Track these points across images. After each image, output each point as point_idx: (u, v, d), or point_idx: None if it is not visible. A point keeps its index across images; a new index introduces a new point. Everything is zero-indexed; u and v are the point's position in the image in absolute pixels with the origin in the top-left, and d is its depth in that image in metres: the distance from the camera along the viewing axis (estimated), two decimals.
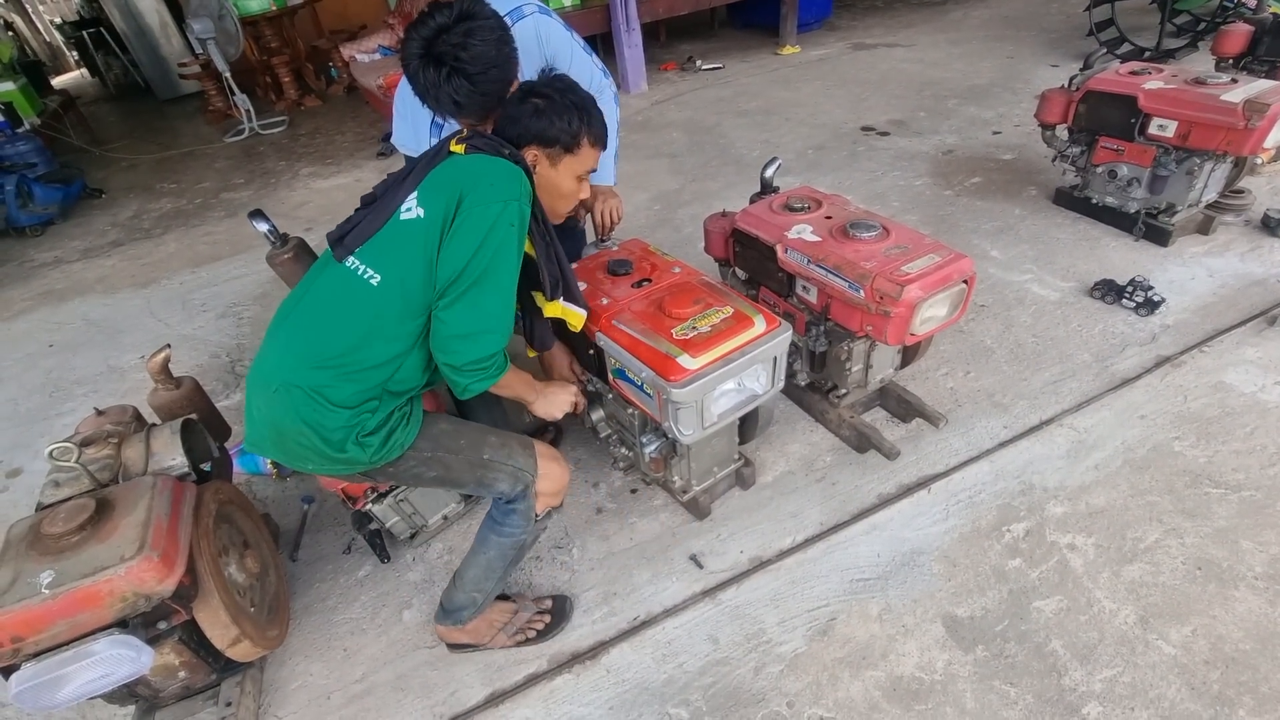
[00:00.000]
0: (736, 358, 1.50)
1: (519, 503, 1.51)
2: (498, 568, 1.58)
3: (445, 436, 1.44)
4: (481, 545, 1.58)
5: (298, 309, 1.37)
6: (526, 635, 1.71)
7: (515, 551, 1.58)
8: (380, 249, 1.32)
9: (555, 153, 1.43)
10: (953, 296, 1.76)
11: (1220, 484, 1.90)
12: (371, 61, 6.08)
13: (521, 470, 1.49)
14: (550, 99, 1.41)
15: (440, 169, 1.34)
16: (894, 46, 6.05)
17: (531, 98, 1.42)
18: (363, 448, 1.30)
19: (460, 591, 1.61)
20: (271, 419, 1.31)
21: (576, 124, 1.41)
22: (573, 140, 1.42)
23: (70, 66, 11.25)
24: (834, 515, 1.96)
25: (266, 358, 1.35)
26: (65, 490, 1.46)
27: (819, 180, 3.81)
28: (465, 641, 1.70)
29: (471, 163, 1.33)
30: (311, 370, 1.28)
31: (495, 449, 1.47)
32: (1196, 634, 1.57)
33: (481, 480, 1.47)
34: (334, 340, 1.29)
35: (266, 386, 1.31)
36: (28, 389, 3.04)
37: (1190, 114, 2.55)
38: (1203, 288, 2.65)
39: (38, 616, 1.20)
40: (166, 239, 4.35)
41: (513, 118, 1.43)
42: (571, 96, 1.43)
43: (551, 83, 1.45)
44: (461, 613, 1.62)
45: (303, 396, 1.27)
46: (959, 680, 1.55)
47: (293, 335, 1.33)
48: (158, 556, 1.28)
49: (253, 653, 1.53)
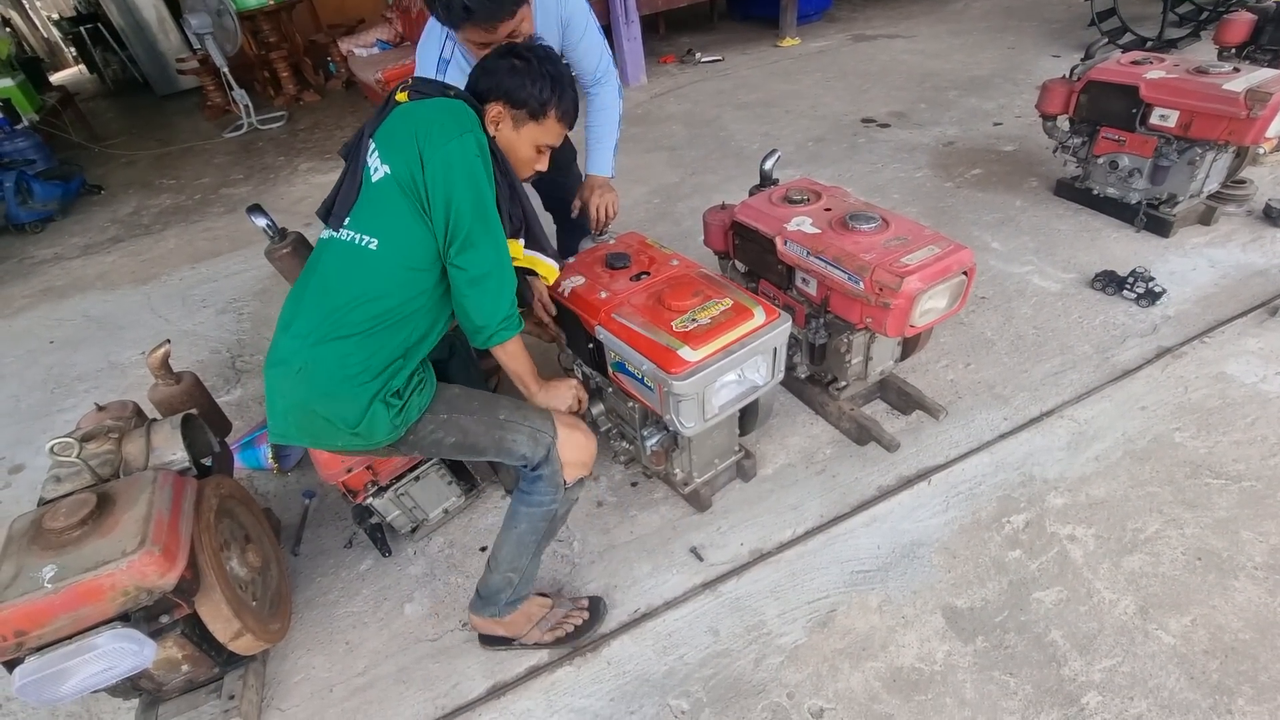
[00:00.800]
0: (737, 349, 1.50)
1: (543, 468, 1.48)
2: (530, 542, 1.55)
3: (459, 399, 1.45)
4: (512, 520, 1.55)
5: (308, 290, 1.37)
6: (565, 631, 1.68)
7: (546, 523, 1.54)
8: (367, 214, 1.34)
9: (520, 115, 1.43)
10: (952, 288, 1.76)
11: (1221, 475, 1.90)
12: (370, 56, 6.07)
13: (539, 431, 1.46)
14: (529, 62, 1.41)
15: (391, 120, 1.35)
16: (894, 38, 6.02)
17: (511, 57, 1.43)
18: (388, 408, 1.31)
19: (495, 573, 1.59)
20: (297, 400, 1.32)
21: (548, 93, 1.42)
22: (540, 108, 1.43)
23: (68, 63, 11.23)
24: (834, 507, 1.96)
25: (283, 343, 1.35)
26: (66, 485, 1.46)
27: (819, 172, 3.80)
28: (500, 634, 1.67)
29: (417, 108, 1.35)
30: (332, 343, 1.29)
31: (510, 410, 1.47)
32: (1196, 624, 1.57)
33: (500, 443, 1.44)
34: (349, 309, 1.30)
35: (288, 369, 1.31)
36: (29, 385, 3.04)
37: (1192, 104, 2.54)
38: (1204, 279, 2.64)
39: (40, 610, 1.21)
40: (166, 235, 4.35)
41: (488, 69, 1.44)
42: (549, 66, 1.43)
43: (534, 49, 1.45)
44: (498, 596, 1.60)
45: (326, 370, 1.28)
46: (959, 671, 1.55)
47: (308, 314, 1.34)
48: (159, 551, 1.28)
49: (255, 646, 1.54)
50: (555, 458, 1.48)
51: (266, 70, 6.79)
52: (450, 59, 1.59)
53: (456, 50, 1.74)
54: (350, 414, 1.29)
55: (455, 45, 1.73)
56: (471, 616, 1.67)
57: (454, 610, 1.83)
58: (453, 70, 1.63)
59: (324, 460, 1.66)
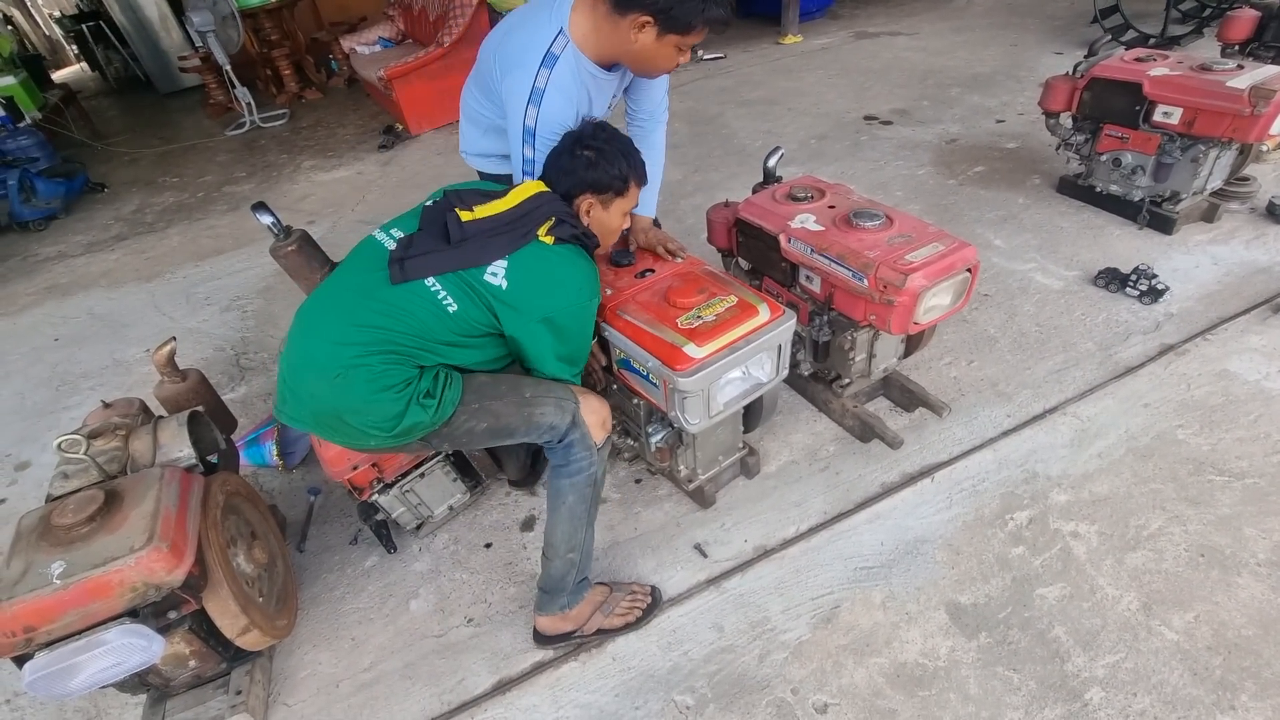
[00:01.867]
0: (742, 346, 1.50)
1: (573, 432, 1.52)
2: (581, 513, 1.57)
3: (486, 386, 1.48)
4: (557, 497, 1.57)
5: (350, 307, 1.40)
6: (632, 615, 1.70)
7: (591, 488, 1.58)
8: (461, 286, 1.40)
9: (607, 198, 1.56)
10: (956, 285, 1.76)
11: (1223, 472, 1.90)
12: (372, 53, 6.08)
13: (563, 399, 1.52)
14: (600, 150, 1.52)
15: (530, 251, 1.42)
16: (897, 35, 6.01)
17: (581, 149, 1.52)
18: (424, 409, 1.37)
19: (555, 560, 1.61)
20: (330, 407, 1.37)
21: (625, 169, 1.54)
22: (623, 184, 1.56)
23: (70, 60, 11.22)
24: (838, 504, 1.96)
25: (316, 346, 1.38)
26: (74, 482, 1.47)
27: (822, 170, 3.80)
28: (568, 630, 1.68)
29: (562, 262, 1.44)
30: (377, 357, 1.34)
31: (533, 386, 1.52)
32: (1199, 620, 1.58)
33: (530, 419, 1.49)
34: (401, 339, 1.37)
35: (324, 374, 1.35)
36: (34, 383, 3.05)
37: (1196, 101, 2.53)
38: (1207, 276, 2.64)
39: (49, 606, 1.22)
40: (169, 233, 4.36)
41: (566, 170, 1.53)
42: (617, 144, 1.54)
43: (596, 133, 1.55)
44: (565, 582, 1.62)
45: (364, 382, 1.33)
46: (962, 667, 1.56)
47: (351, 324, 1.37)
48: (167, 547, 1.29)
49: (262, 642, 1.55)
50: (581, 421, 1.53)
51: (269, 68, 6.78)
52: (545, 89, 1.59)
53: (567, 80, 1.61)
54: (388, 421, 1.35)
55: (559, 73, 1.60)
56: (539, 619, 1.68)
57: (459, 606, 1.84)
58: (552, 95, 1.58)
59: (329, 458, 1.67)
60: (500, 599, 1.85)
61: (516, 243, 1.42)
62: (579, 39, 1.59)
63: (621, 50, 1.58)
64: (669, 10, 1.46)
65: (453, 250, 1.41)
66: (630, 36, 1.52)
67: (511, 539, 2.01)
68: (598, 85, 1.69)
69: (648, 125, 1.96)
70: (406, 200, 3.89)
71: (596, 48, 1.61)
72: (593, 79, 1.66)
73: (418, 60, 5.05)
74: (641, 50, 1.55)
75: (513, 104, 1.63)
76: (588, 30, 1.58)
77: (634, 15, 1.48)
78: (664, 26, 1.49)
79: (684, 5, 1.46)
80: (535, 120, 1.60)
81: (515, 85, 1.61)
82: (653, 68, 1.64)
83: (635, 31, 1.50)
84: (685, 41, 1.54)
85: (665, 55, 1.57)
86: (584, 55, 1.61)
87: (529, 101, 1.59)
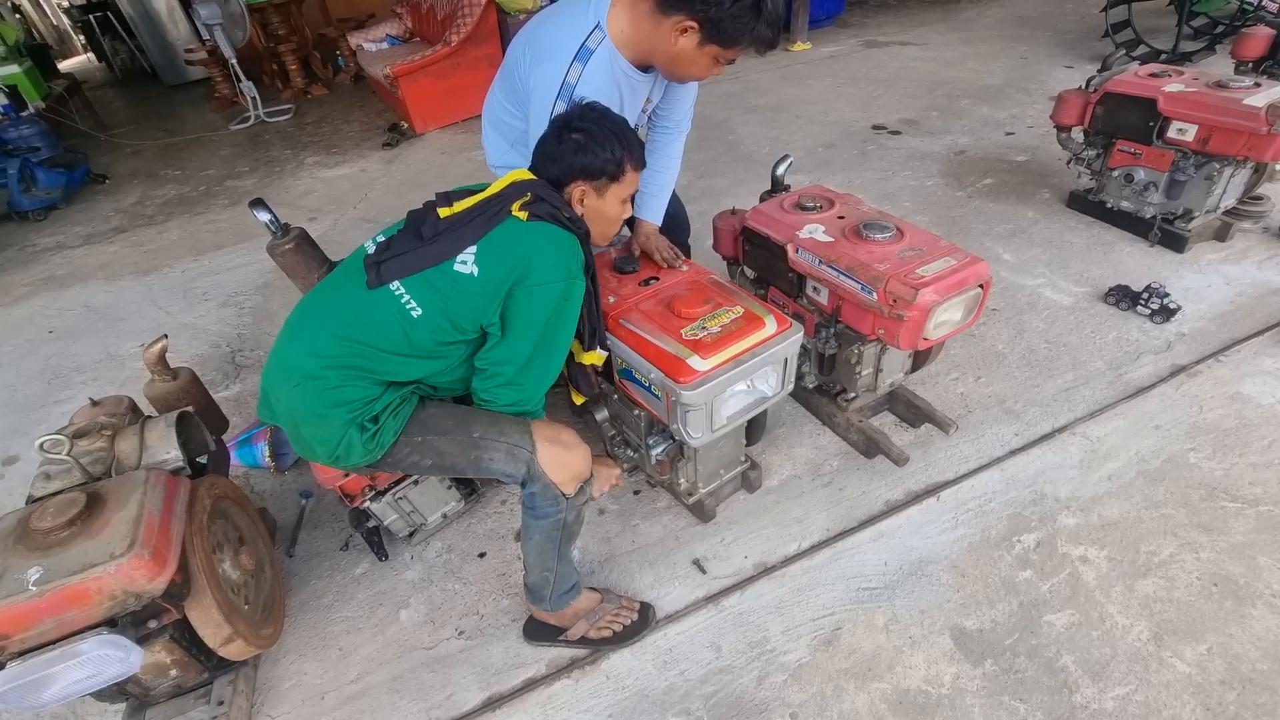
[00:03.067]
0: (747, 359, 1.46)
1: (532, 484, 1.44)
2: (549, 549, 1.53)
3: (432, 419, 1.41)
4: (526, 531, 1.53)
5: (329, 315, 1.37)
6: (613, 630, 1.65)
7: (560, 531, 1.51)
8: (427, 288, 1.33)
9: (601, 184, 1.43)
10: (968, 301, 1.72)
11: (1237, 498, 1.85)
12: (379, 50, 6.05)
13: (516, 447, 1.40)
14: (589, 131, 1.39)
15: (501, 231, 1.33)
16: (906, 45, 5.99)
17: (569, 133, 1.40)
18: (362, 431, 1.32)
19: (530, 573, 1.59)
20: (287, 411, 1.36)
21: (619, 151, 1.40)
22: (617, 169, 1.42)
23: (77, 50, 11.19)
24: (840, 521, 1.92)
25: (289, 352, 1.36)
26: (56, 484, 1.43)
27: (829, 179, 3.76)
28: (550, 623, 1.67)
29: (534, 234, 1.33)
30: (337, 370, 1.31)
31: (485, 426, 1.42)
32: (1212, 652, 1.53)
33: (478, 462, 1.41)
34: (366, 352, 1.32)
35: (288, 380, 1.33)
36: (26, 375, 3.01)
37: (1211, 118, 2.50)
38: (1219, 295, 2.60)
39: (24, 614, 1.17)
40: (169, 226, 4.32)
41: (553, 155, 1.41)
42: (608, 124, 1.41)
43: (585, 114, 1.43)
44: (543, 592, 1.60)
45: (319, 388, 1.30)
46: (967, 695, 1.51)
47: (323, 338, 1.34)
48: (149, 554, 1.24)
49: (246, 651, 1.50)
50: (540, 473, 1.42)
51: (275, 63, 6.76)
52: (576, 84, 1.53)
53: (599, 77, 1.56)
54: (330, 439, 1.32)
55: (592, 69, 1.54)
56: (529, 605, 1.67)
57: (450, 617, 1.80)
58: (583, 91, 1.50)
59: (320, 464, 1.62)
60: (493, 611, 1.80)
61: (488, 224, 1.33)
62: (616, 35, 1.53)
63: (658, 51, 1.52)
64: (719, 21, 1.40)
65: (426, 247, 1.34)
66: (670, 39, 1.46)
67: (506, 549, 1.96)
68: (631, 86, 1.62)
69: (670, 133, 1.91)
70: (410, 199, 3.85)
71: (634, 46, 1.55)
72: (626, 79, 1.60)
73: (425, 59, 5.01)
74: (679, 54, 1.49)
75: (539, 97, 1.56)
76: (626, 27, 1.52)
77: (678, 18, 1.42)
78: (708, 35, 1.43)
79: (736, 20, 1.39)
80: None
81: (544, 77, 1.54)
82: (685, 73, 1.58)
83: (677, 35, 1.45)
84: (726, 54, 1.48)
85: (701, 64, 1.51)
86: (620, 53, 1.55)
87: (558, 96, 1.53)
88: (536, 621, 1.70)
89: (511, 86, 1.72)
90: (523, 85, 1.63)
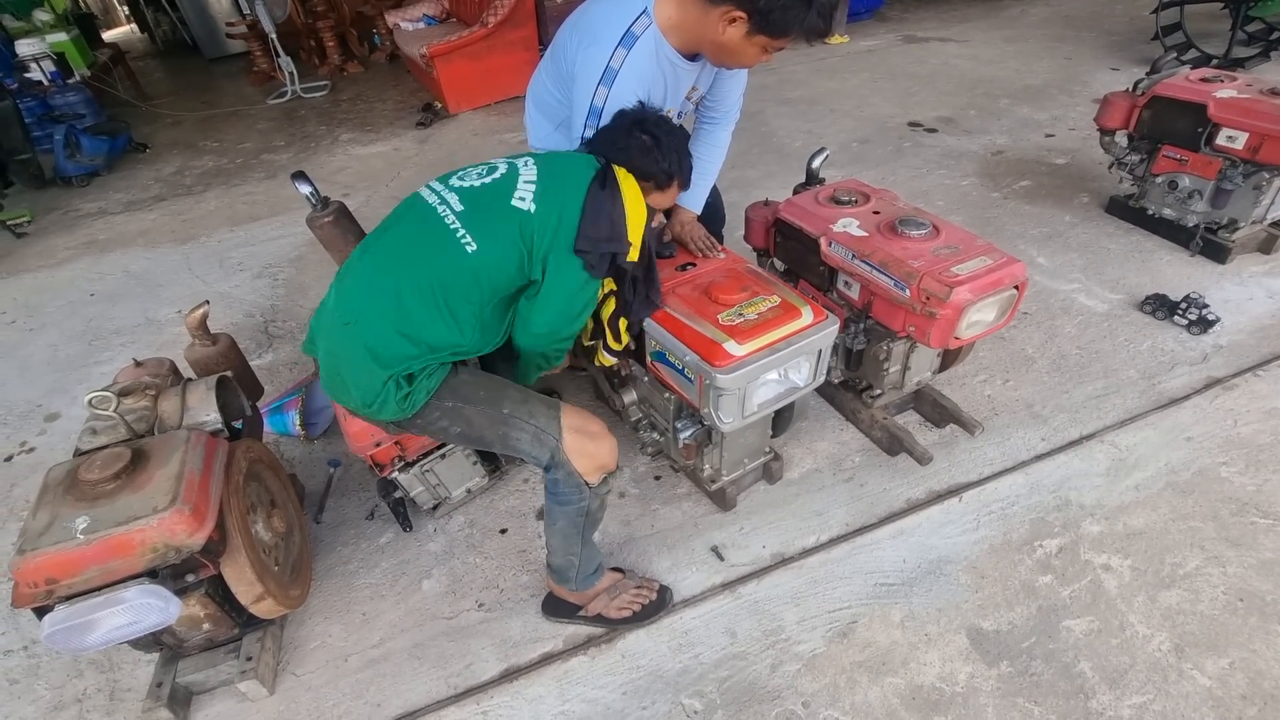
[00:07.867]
0: (783, 348, 1.46)
1: (556, 470, 1.45)
2: (573, 534, 1.55)
3: (465, 386, 1.44)
4: (550, 516, 1.55)
5: (387, 254, 1.41)
6: (631, 609, 1.67)
7: (583, 518, 1.52)
8: (484, 221, 1.36)
9: (648, 187, 1.50)
10: (1002, 301, 1.70)
11: (1268, 514, 1.82)
12: (415, 30, 6.07)
13: (543, 432, 1.42)
14: (659, 140, 1.47)
15: (563, 165, 1.41)
16: (946, 41, 5.88)
17: (640, 132, 1.47)
18: (397, 388, 1.35)
19: (554, 556, 1.61)
20: (329, 350, 1.42)
21: (674, 167, 1.50)
22: (668, 180, 1.53)
23: (121, 21, 11.39)
24: (860, 517, 1.92)
25: (351, 296, 1.40)
26: (102, 438, 1.48)
27: (862, 174, 3.72)
28: (573, 602, 1.69)
29: (583, 163, 1.42)
30: (389, 320, 1.34)
31: (515, 404, 1.44)
32: (1234, 667, 1.52)
33: (505, 438, 1.44)
34: (417, 294, 1.34)
35: (338, 319, 1.39)
36: (68, 335, 3.10)
37: (1264, 126, 2.43)
38: (1260, 309, 2.54)
39: (72, 560, 1.22)
40: (207, 196, 4.41)
41: (620, 147, 1.47)
42: (674, 140, 1.50)
43: (659, 122, 1.50)
44: (568, 573, 1.62)
45: (367, 338, 1.34)
46: (981, 694, 1.51)
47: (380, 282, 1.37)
48: (189, 510, 1.29)
49: (275, 610, 1.55)
50: (565, 461, 1.43)
51: (313, 39, 6.82)
52: (620, 70, 1.52)
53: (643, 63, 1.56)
54: (367, 389, 1.35)
55: (636, 54, 1.54)
56: (551, 583, 1.70)
57: (470, 590, 1.83)
58: (626, 77, 1.52)
59: (354, 432, 1.66)
60: (512, 585, 1.83)
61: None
62: (663, 22, 1.53)
63: (705, 40, 1.52)
64: (768, 13, 1.39)
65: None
66: (718, 27, 1.46)
67: (527, 526, 1.99)
68: (675, 74, 1.62)
69: (718, 122, 1.92)
70: None
71: (681, 33, 1.55)
72: (671, 66, 1.60)
73: (461, 39, 5.03)
74: (726, 44, 1.49)
75: (583, 80, 1.57)
76: (673, 14, 1.52)
77: (726, 8, 1.42)
78: (757, 26, 1.43)
79: (786, 11, 1.39)
80: (605, 101, 1.55)
81: (589, 61, 1.55)
82: (732, 61, 1.58)
83: (725, 24, 1.44)
84: (774, 44, 1.48)
85: (749, 53, 1.51)
86: (666, 40, 1.55)
87: (600, 81, 1.53)
88: (555, 598, 1.72)
89: (559, 68, 1.73)
90: (569, 67, 1.63)
